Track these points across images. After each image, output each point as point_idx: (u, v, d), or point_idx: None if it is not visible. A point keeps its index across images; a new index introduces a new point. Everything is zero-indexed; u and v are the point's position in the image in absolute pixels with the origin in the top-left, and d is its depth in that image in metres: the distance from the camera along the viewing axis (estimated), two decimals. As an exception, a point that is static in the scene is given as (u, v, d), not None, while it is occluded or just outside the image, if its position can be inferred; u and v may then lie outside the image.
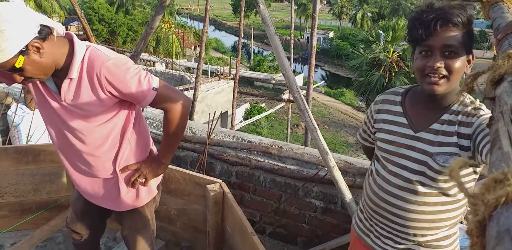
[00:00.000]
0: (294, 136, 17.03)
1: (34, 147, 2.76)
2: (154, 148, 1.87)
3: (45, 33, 1.35)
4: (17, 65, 1.32)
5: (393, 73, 17.20)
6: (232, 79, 8.73)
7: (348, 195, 2.36)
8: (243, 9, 6.45)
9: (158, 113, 4.39)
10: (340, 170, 2.37)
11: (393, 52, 18.12)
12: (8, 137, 3.82)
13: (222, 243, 2.29)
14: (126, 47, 22.95)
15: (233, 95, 6.92)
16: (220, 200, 2.23)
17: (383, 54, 17.72)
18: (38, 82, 1.52)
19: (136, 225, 1.87)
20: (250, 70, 28.91)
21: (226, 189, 2.25)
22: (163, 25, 26.34)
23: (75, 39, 1.47)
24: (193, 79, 7.90)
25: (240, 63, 7.26)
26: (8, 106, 3.83)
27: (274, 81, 19.27)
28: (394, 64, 17.37)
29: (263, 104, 18.78)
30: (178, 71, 11.43)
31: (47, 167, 2.66)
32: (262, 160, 2.91)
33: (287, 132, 8.39)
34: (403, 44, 18.04)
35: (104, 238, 2.29)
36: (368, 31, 20.22)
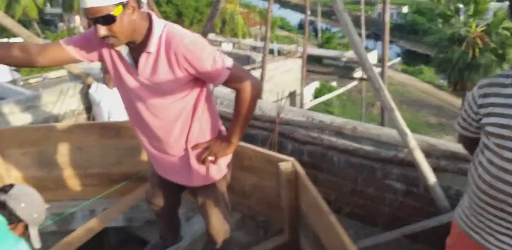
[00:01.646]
0: (369, 115, 16.36)
1: (116, 123, 2.95)
2: (223, 128, 1.90)
3: (139, 2, 1.44)
4: (115, 13, 1.38)
5: (477, 50, 15.79)
6: (299, 57, 8.60)
7: (431, 178, 2.25)
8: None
9: (228, 92, 4.47)
10: (422, 152, 2.25)
11: (476, 26, 16.62)
12: (92, 114, 4.11)
13: (298, 220, 2.31)
14: (193, 29, 23.46)
15: (302, 74, 6.83)
16: (293, 178, 2.23)
17: (464, 29, 16.31)
18: (116, 57, 1.59)
19: (208, 200, 1.94)
20: (318, 48, 28.21)
21: (299, 167, 2.24)
22: (228, 5, 26.47)
23: (154, 16, 1.53)
24: (260, 59, 7.89)
25: (308, 41, 7.11)
26: (89, 86, 4.10)
27: (344, 59, 18.60)
28: (478, 40, 15.91)
29: (334, 83, 18.21)
30: (244, 51, 11.49)
31: (128, 142, 2.83)
32: (335, 140, 2.85)
33: (361, 111, 8.08)
34: (487, 18, 16.49)
35: (183, 209, 2.42)
36: (446, 5, 18.68)
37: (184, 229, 2.44)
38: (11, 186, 1.56)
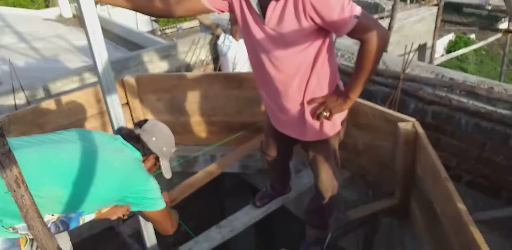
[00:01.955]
0: (510, 75, 14.19)
1: (239, 74, 3.07)
2: (340, 82, 1.83)
3: None
4: None
5: None
6: (435, 5, 7.65)
7: None
8: None
9: (350, 44, 4.26)
10: None
11: None
12: (218, 65, 4.35)
13: (411, 184, 2.21)
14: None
15: (435, 24, 6.11)
16: (412, 140, 2.11)
17: None
18: (245, 6, 1.61)
19: (320, 156, 1.95)
20: (458, -6, 24.68)
21: (420, 129, 2.10)
22: None
23: None
24: (390, 7, 7.24)
25: (448, -14, 6.25)
26: (218, 37, 4.30)
27: (489, 7, 16.02)
28: None
29: (472, 36, 15.98)
30: (373, -1, 10.64)
31: (249, 92, 2.95)
32: (466, 100, 2.57)
33: (502, 69, 6.99)
34: None
35: (294, 161, 2.49)
36: None
37: (293, 181, 2.53)
38: (146, 120, 1.71)
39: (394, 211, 2.35)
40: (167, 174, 1.74)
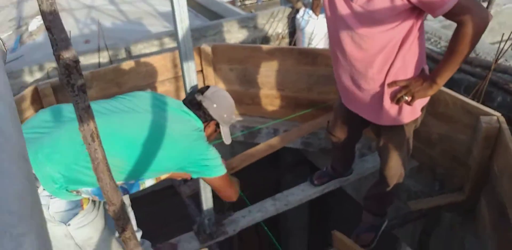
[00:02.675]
0: None
1: (314, 50, 3.00)
2: (426, 66, 1.71)
3: None
4: None
5: None
6: (545, -9, 6.81)
7: None
8: None
9: (437, 28, 3.95)
10: None
11: None
12: (294, 39, 4.27)
13: (484, 182, 2.06)
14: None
15: (541, 12, 5.46)
16: (493, 136, 1.95)
17: None
18: None
19: (392, 141, 1.87)
20: None
21: (504, 125, 1.93)
22: None
23: None
24: (490, -10, 6.57)
25: None
26: (297, 11, 4.20)
27: None
28: None
29: None
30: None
31: (321, 70, 2.88)
32: None
33: None
34: None
35: (359, 144, 2.42)
36: None
37: (356, 164, 2.47)
38: (208, 87, 1.73)
39: (460, 207, 2.22)
40: (227, 140, 1.77)
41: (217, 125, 1.72)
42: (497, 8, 6.73)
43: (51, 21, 0.75)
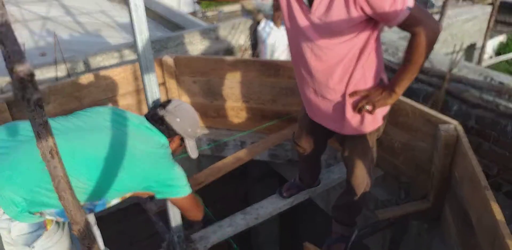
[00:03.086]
0: None
1: (276, 62, 3.02)
2: (385, 76, 1.76)
3: None
4: None
5: None
6: (490, 4, 7.27)
7: None
8: None
9: (394, 39, 4.10)
10: None
11: None
12: (257, 51, 4.30)
13: (446, 189, 2.13)
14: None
15: (488, 24, 5.81)
16: (453, 143, 2.01)
17: None
18: None
19: (356, 150, 1.89)
20: (514, -6, 23.43)
21: (462, 133, 2.01)
22: None
23: None
24: (440, 3, 6.93)
25: (507, -16, 5.89)
26: (258, 22, 4.24)
27: (545, 10, 15.17)
28: None
29: (525, 39, 15.21)
30: (422, -7, 10.22)
31: (284, 81, 2.90)
32: (515, 106, 2.42)
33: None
34: None
35: (325, 155, 2.44)
36: None
37: (323, 174, 2.48)
38: (169, 101, 1.69)
39: (425, 215, 2.27)
40: (193, 154, 1.72)
41: (182, 139, 1.68)
42: (449, 21, 7.10)
43: (3, 33, 0.72)
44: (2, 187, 1.31)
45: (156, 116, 1.62)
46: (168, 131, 1.62)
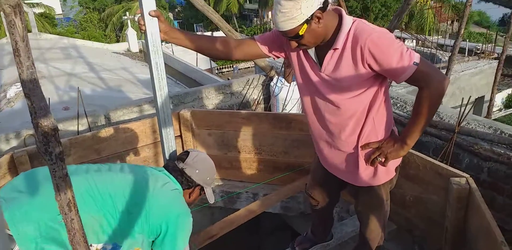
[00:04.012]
0: None
1: (288, 115, 3.12)
2: (395, 129, 1.81)
3: (326, 5, 1.47)
4: (300, 33, 1.48)
5: None
6: (496, 59, 7.48)
7: None
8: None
9: (403, 93, 4.22)
10: None
11: None
12: (269, 104, 4.45)
13: (461, 244, 2.08)
14: (377, 23, 22.69)
15: (495, 78, 5.95)
16: (465, 196, 2.01)
17: None
18: (301, 54, 1.68)
19: (370, 203, 1.90)
20: (521, 48, 24.03)
21: (474, 186, 2.00)
22: (419, -1, 24.61)
23: (343, 13, 1.56)
24: (446, 58, 7.16)
25: (510, 40, 6.11)
26: (271, 78, 4.44)
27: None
28: None
29: (533, 91, 15.35)
30: (430, 49, 10.60)
31: (296, 134, 2.98)
32: (527, 159, 2.43)
33: None
34: None
35: (337, 208, 2.44)
36: None
37: (335, 228, 2.46)
38: (187, 153, 1.77)
39: (441, 271, 2.20)
40: (211, 199, 1.80)
41: (201, 189, 1.74)
42: (456, 75, 7.30)
43: (31, 89, 0.77)
44: (19, 222, 1.37)
45: (175, 168, 1.71)
46: (188, 183, 1.69)
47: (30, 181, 1.54)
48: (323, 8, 1.46)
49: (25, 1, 19.28)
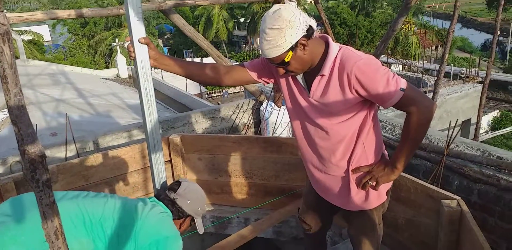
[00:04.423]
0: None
1: (278, 139, 3.13)
2: (385, 152, 1.83)
3: (310, 32, 1.51)
4: (286, 59, 1.51)
5: None
6: (480, 82, 7.68)
7: None
8: (501, 2, 5.56)
9: (391, 116, 4.28)
10: None
11: None
12: (259, 128, 4.46)
13: (456, 267, 2.06)
14: (363, 49, 23.26)
15: (480, 101, 6.08)
16: (457, 219, 2.00)
17: None
18: (290, 79, 1.70)
19: (363, 227, 1.88)
20: (504, 72, 24.79)
21: (465, 208, 2.00)
22: (403, 26, 25.43)
23: (330, 40, 1.60)
24: (432, 82, 7.33)
25: (492, 64, 6.30)
26: (260, 103, 4.48)
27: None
28: None
29: (518, 113, 15.71)
30: (416, 73, 10.84)
31: (287, 157, 2.98)
32: (515, 181, 2.45)
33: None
34: None
35: (330, 232, 2.40)
36: None
37: (329, 252, 2.42)
38: (178, 183, 1.76)
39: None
40: (201, 230, 1.78)
41: (192, 219, 1.74)
42: (442, 98, 7.45)
43: (18, 116, 0.76)
44: (7, 247, 1.35)
45: (166, 198, 1.71)
46: (179, 213, 1.69)
47: (18, 206, 1.52)
48: (307, 36, 1.49)
49: (14, 29, 19.42)
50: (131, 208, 1.58)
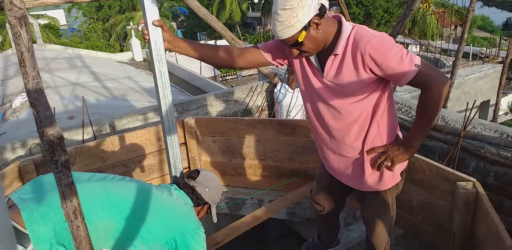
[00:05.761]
0: None
1: (292, 121, 3.12)
2: (400, 133, 1.81)
3: (323, 11, 1.48)
4: (300, 39, 1.50)
5: None
6: (500, 62, 7.46)
7: None
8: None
9: (407, 98, 4.22)
10: None
11: None
12: (273, 111, 4.46)
13: (469, 249, 2.06)
14: (380, 29, 22.76)
15: (500, 82, 5.92)
16: (472, 201, 1.99)
17: None
18: (304, 61, 1.69)
19: (376, 208, 1.88)
20: (525, 52, 23.99)
21: (481, 190, 1.99)
22: (421, 5, 24.68)
23: (343, 20, 1.57)
24: (450, 63, 7.15)
25: (514, 44, 6.10)
26: (274, 85, 4.46)
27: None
28: None
29: (538, 94, 15.29)
30: (433, 54, 10.60)
31: (300, 140, 2.98)
32: (534, 163, 2.41)
33: None
34: None
35: (343, 213, 2.42)
36: None
37: (342, 234, 2.44)
38: (197, 172, 1.82)
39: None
40: (215, 219, 1.86)
41: (209, 207, 1.81)
42: (460, 79, 7.28)
43: (36, 99, 0.78)
44: (36, 223, 1.40)
45: (186, 185, 1.76)
46: (198, 200, 1.74)
47: (47, 184, 1.57)
48: (320, 15, 1.47)
49: (30, 13, 19.55)
50: (157, 195, 1.62)
